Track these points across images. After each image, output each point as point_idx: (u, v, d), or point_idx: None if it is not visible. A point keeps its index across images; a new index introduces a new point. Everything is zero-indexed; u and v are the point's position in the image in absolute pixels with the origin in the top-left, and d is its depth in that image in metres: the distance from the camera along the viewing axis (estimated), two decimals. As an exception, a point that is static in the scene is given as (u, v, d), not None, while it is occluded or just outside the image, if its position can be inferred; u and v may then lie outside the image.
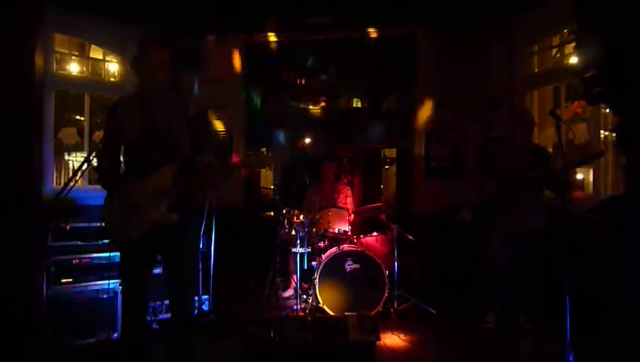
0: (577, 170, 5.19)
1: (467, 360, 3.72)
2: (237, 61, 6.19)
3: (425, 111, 5.98)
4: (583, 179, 5.51)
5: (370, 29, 6.07)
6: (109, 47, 5.65)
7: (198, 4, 5.19)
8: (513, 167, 4.11)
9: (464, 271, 5.02)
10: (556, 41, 5.14)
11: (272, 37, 6.23)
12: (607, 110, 4.37)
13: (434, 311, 4.64)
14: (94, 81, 5.62)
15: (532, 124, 4.26)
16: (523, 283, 4.11)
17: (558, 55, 5.11)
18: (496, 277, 4.21)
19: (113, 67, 5.78)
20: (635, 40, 2.26)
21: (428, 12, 5.52)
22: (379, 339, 3.25)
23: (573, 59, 4.73)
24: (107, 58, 5.74)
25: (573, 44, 4.80)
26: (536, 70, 5.29)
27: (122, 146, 2.71)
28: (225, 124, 6.16)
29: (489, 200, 4.18)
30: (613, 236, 2.83)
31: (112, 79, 5.76)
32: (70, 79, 5.48)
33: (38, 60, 2.59)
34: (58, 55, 5.33)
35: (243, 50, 6.25)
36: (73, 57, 5.55)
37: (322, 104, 6.71)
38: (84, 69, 5.61)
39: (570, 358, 3.00)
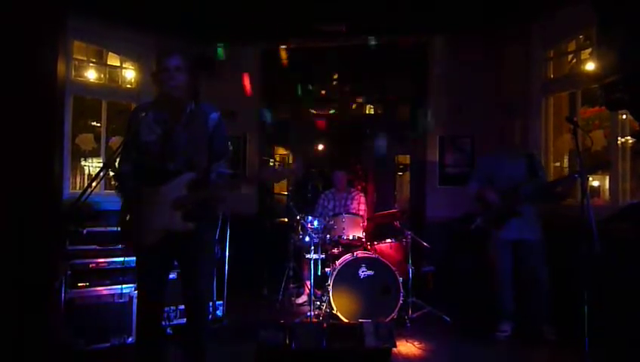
0: (592, 177, 5.15)
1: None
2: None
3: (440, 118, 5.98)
4: (599, 186, 5.44)
5: (384, 36, 6.08)
6: (125, 54, 5.72)
7: (213, 13, 5.24)
8: (510, 178, 4.16)
9: (479, 279, 4.97)
10: (572, 46, 5.10)
11: (288, 43, 6.26)
12: (624, 116, 4.33)
13: (449, 319, 4.60)
14: (111, 88, 5.69)
15: (516, 134, 4.34)
16: (537, 293, 4.09)
17: (574, 61, 5.06)
18: (502, 287, 4.22)
19: (130, 74, 5.85)
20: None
21: (442, 18, 5.51)
22: (395, 346, 3.23)
23: (590, 66, 4.69)
24: (124, 65, 5.80)
25: (589, 50, 4.77)
26: (552, 76, 5.25)
27: (140, 154, 2.73)
28: (238, 131, 6.20)
29: (490, 209, 4.22)
30: (633, 244, 2.79)
31: (128, 86, 5.83)
32: (87, 85, 5.55)
33: (60, 67, 2.63)
34: (76, 62, 5.40)
35: (258, 57, 6.30)
36: (91, 64, 5.62)
37: (336, 111, 6.72)
38: (102, 75, 5.68)
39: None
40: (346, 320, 4.35)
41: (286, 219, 5.58)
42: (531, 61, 5.32)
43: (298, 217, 5.08)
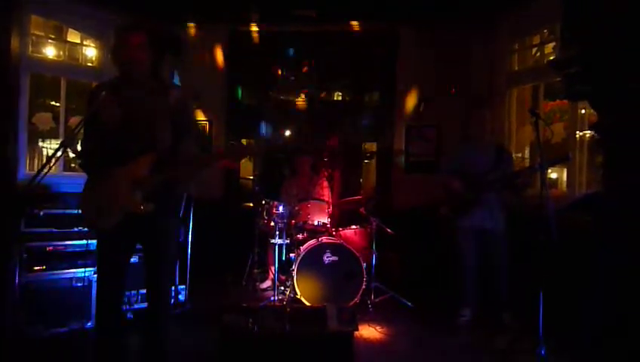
0: (551, 169, 5.30)
1: (443, 353, 3.76)
2: (220, 56, 6.14)
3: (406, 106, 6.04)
4: (557, 178, 5.62)
5: (354, 23, 6.07)
6: (87, 31, 5.50)
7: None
8: (476, 167, 4.23)
9: (442, 265, 5.07)
10: (536, 40, 5.21)
11: (256, 27, 6.17)
12: (583, 111, 4.46)
13: (411, 304, 4.68)
14: (71, 66, 5.47)
15: (485, 124, 4.37)
16: (497, 281, 4.20)
17: (538, 54, 5.18)
18: (465, 274, 4.32)
19: (91, 52, 5.64)
20: (622, 38, 2.28)
21: (411, 8, 5.53)
22: (357, 330, 3.26)
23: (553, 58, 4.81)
24: (85, 42, 5.59)
25: (553, 44, 4.88)
26: (517, 68, 5.35)
27: (101, 133, 2.65)
28: (205, 114, 6.11)
29: (455, 198, 4.29)
30: (589, 233, 2.87)
31: (89, 64, 5.63)
32: (46, 63, 5.32)
33: (14, 43, 2.50)
34: (34, 37, 5.16)
35: (227, 39, 6.19)
36: (49, 40, 5.39)
37: (303, 96, 6.68)
38: (61, 52, 5.45)
39: (542, 352, 3.05)
40: (309, 304, 4.37)
41: (251, 204, 5.53)
42: (498, 53, 5.42)
43: (263, 202, 5.05)
